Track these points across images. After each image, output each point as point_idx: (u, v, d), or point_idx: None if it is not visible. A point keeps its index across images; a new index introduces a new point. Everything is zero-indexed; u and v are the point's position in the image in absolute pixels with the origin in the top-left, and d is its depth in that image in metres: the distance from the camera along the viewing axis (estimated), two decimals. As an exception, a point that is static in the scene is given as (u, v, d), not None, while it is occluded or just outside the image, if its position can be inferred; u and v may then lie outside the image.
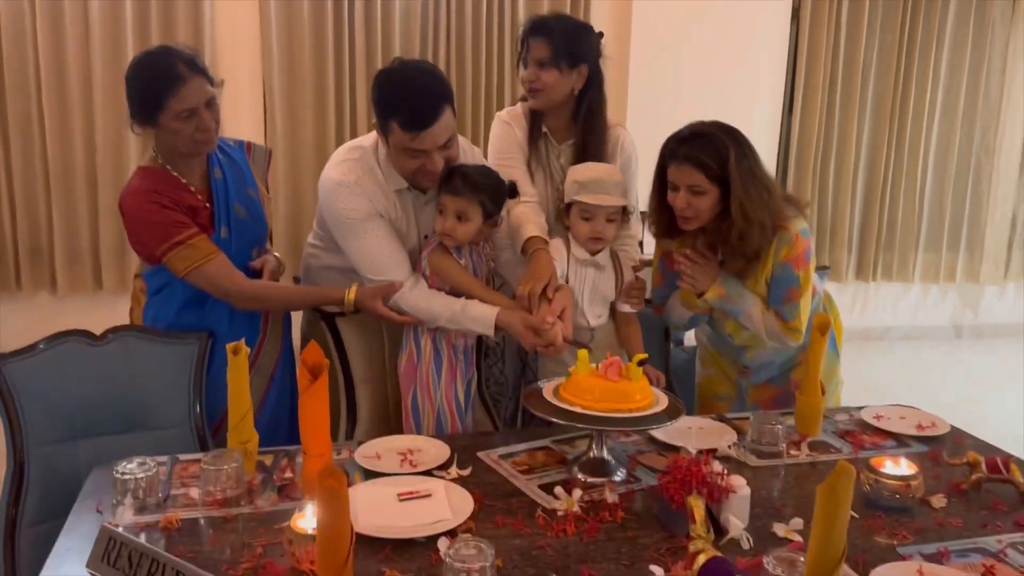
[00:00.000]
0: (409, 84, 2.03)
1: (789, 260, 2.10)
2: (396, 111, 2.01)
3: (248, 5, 4.61)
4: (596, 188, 2.16)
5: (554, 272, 2.17)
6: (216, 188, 2.19)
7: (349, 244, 2.16)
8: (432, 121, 2.01)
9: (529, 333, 2.10)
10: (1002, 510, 1.69)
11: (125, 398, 2.07)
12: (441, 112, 2.02)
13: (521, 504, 1.67)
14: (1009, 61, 5.57)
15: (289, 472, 1.79)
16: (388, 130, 2.05)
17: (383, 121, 2.06)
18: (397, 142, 2.05)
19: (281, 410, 2.33)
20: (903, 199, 5.66)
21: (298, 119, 4.71)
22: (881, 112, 5.51)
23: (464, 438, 2.05)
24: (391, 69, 2.08)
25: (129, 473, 1.60)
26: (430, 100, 2.01)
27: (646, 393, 1.79)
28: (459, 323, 2.14)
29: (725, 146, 2.03)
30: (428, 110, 2.01)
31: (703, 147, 2.04)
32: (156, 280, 2.20)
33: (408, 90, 2.02)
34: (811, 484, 1.80)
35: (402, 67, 2.08)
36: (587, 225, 2.20)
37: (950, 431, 2.10)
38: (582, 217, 2.20)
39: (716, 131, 2.06)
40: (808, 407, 2.03)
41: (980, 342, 6.03)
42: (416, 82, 2.03)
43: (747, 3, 5.10)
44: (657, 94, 5.00)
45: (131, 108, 2.08)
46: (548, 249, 2.21)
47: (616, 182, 2.19)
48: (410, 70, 2.07)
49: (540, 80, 2.29)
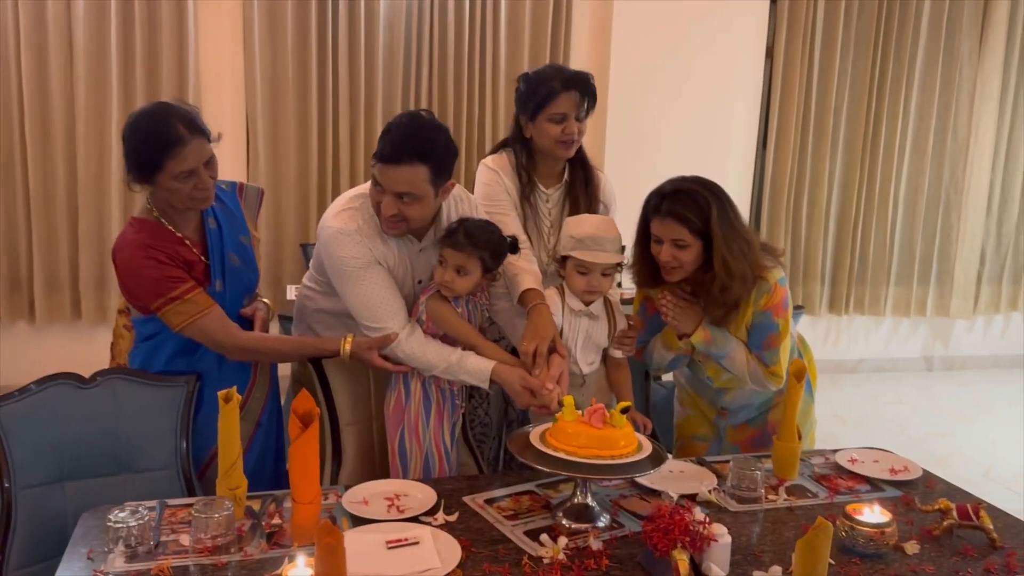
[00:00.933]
0: (404, 123, 2.09)
1: (768, 308, 2.17)
2: (380, 138, 2.09)
3: (232, 43, 4.64)
4: (593, 245, 2.20)
5: (555, 329, 2.22)
6: (211, 240, 2.20)
7: (348, 291, 2.19)
8: (396, 162, 2.05)
9: (526, 393, 2.14)
10: (973, 556, 1.75)
11: (112, 440, 2.08)
12: (409, 162, 2.05)
13: (508, 551, 1.70)
14: (977, 100, 5.71)
15: (277, 519, 1.81)
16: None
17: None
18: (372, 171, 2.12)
19: (266, 454, 2.35)
20: (875, 234, 5.76)
21: (281, 157, 4.73)
22: (853, 149, 5.62)
23: (449, 482, 2.08)
24: (405, 112, 2.16)
25: (121, 522, 1.62)
26: (406, 145, 2.05)
27: (631, 440, 1.83)
28: (454, 374, 2.18)
29: (707, 203, 2.10)
30: (399, 151, 2.05)
31: (686, 204, 2.12)
32: (147, 328, 2.20)
33: (396, 126, 2.08)
34: (789, 530, 1.85)
35: (413, 113, 2.14)
36: (583, 279, 2.25)
37: (922, 475, 2.16)
38: (578, 271, 2.25)
39: (698, 188, 2.14)
40: (785, 451, 2.09)
41: (950, 375, 6.14)
42: (409, 125, 2.09)
43: (722, 43, 5.20)
44: (634, 130, 5.09)
45: (128, 166, 2.06)
46: (547, 304, 2.25)
47: (612, 238, 2.23)
48: (418, 118, 2.12)
49: (578, 132, 2.37)
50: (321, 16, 4.66)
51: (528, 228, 2.45)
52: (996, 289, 6.11)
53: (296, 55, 4.66)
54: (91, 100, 4.45)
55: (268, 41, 4.64)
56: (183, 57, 4.52)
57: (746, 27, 5.30)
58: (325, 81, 4.72)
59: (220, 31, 4.63)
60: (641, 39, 5.09)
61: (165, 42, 4.49)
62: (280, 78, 4.67)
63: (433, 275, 2.21)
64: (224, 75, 4.67)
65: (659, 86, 5.13)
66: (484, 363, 2.17)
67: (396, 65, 4.80)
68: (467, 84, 4.91)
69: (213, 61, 4.64)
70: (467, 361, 2.18)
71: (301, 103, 4.71)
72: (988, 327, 6.27)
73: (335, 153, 4.80)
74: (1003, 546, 1.78)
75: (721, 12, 5.16)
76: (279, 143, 4.73)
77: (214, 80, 4.66)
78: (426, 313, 2.22)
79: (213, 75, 4.65)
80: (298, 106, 4.71)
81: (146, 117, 2.05)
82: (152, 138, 2.01)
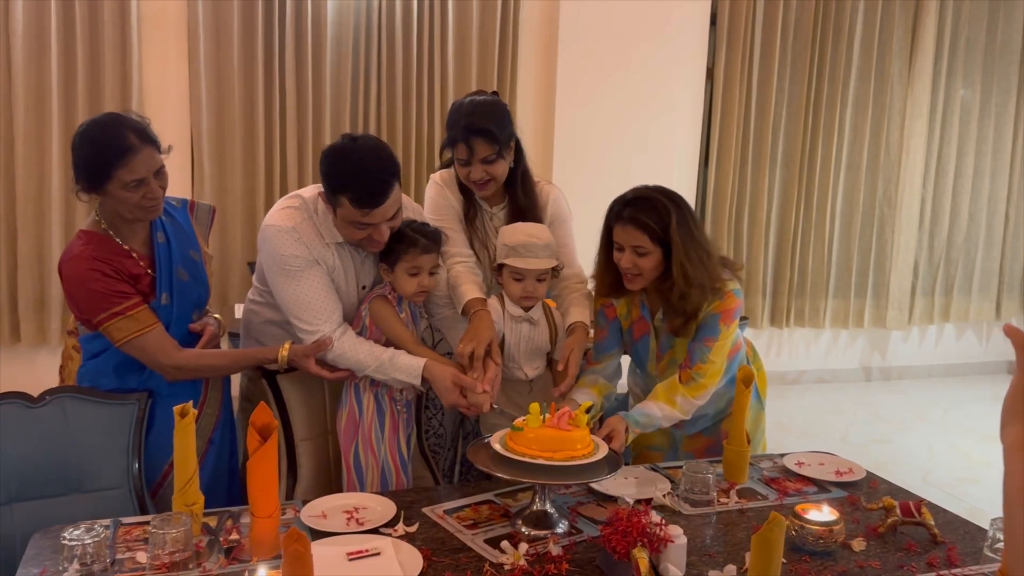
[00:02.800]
0: (361, 164, 2.08)
1: (718, 311, 2.22)
2: (347, 189, 2.07)
3: (176, 58, 4.59)
4: (525, 252, 2.25)
5: (495, 335, 2.25)
6: (159, 253, 2.19)
7: (283, 289, 2.19)
8: (383, 200, 2.08)
9: (455, 391, 2.16)
10: (916, 551, 1.82)
11: (62, 460, 2.05)
12: (391, 190, 2.09)
13: (469, 559, 1.71)
14: (907, 119, 5.92)
15: (235, 534, 1.79)
16: (338, 204, 2.11)
17: (333, 195, 2.11)
18: (346, 215, 2.11)
19: (219, 472, 2.33)
20: (813, 248, 5.92)
21: (227, 174, 4.68)
22: (791, 166, 5.78)
23: (408, 494, 2.09)
24: (342, 147, 2.13)
25: (76, 539, 1.59)
26: (381, 178, 2.08)
27: (587, 441, 1.86)
28: (386, 372, 2.18)
29: (667, 210, 2.15)
30: (379, 189, 2.07)
31: (646, 211, 2.16)
32: (94, 345, 2.18)
33: (360, 169, 2.07)
34: (741, 531, 1.90)
35: (353, 145, 2.12)
36: (519, 285, 2.30)
37: (866, 476, 2.24)
38: (513, 278, 2.30)
39: (659, 196, 2.19)
40: (735, 455, 2.14)
41: (888, 384, 6.32)
42: (368, 162, 2.08)
43: (664, 64, 5.32)
44: (582, 148, 5.18)
45: (77, 175, 2.05)
46: (488, 311, 2.29)
47: (544, 244, 2.27)
48: (361, 148, 2.11)
49: (490, 174, 2.36)
50: (268, 30, 4.63)
51: (475, 245, 2.48)
52: (930, 301, 6.32)
53: (242, 70, 4.62)
54: (30, 116, 4.35)
55: (213, 55, 4.60)
56: (126, 72, 4.45)
57: (687, 49, 5.44)
58: (272, 96, 4.69)
59: (164, 45, 4.57)
60: (586, 59, 5.18)
61: (107, 56, 4.41)
62: (225, 93, 4.63)
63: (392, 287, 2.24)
64: (168, 90, 4.61)
65: (605, 105, 5.23)
66: (416, 360, 2.19)
67: (344, 80, 4.79)
68: (415, 99, 4.92)
69: (157, 76, 4.57)
70: (399, 359, 2.19)
71: (247, 119, 4.67)
72: (923, 337, 6.48)
73: (283, 169, 4.77)
74: (944, 541, 1.86)
75: (664, 34, 5.29)
76: (225, 159, 4.68)
77: (158, 95, 4.59)
78: (369, 316, 2.24)
79: (157, 90, 4.58)
80: (244, 122, 4.67)
81: (97, 126, 2.05)
82: (103, 147, 2.01)
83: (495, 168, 2.35)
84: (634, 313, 2.38)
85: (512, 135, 2.39)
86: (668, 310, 2.26)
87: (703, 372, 2.23)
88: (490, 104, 2.38)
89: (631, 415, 2.20)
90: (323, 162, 2.14)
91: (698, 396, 2.24)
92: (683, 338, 2.28)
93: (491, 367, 2.21)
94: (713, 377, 2.26)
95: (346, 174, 2.08)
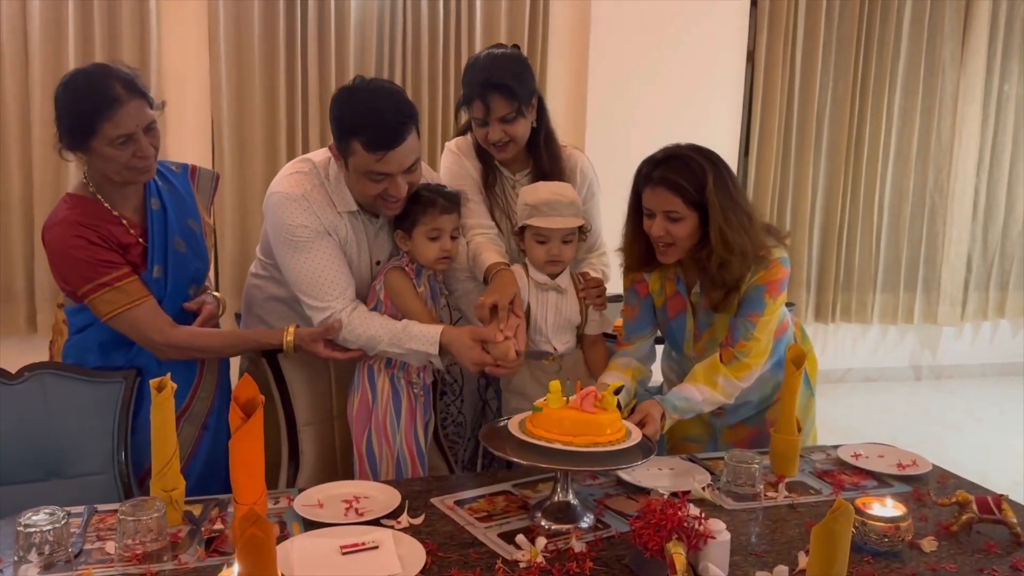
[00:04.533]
0: (374, 102, 1.90)
1: (763, 283, 1.98)
2: (360, 130, 1.89)
3: (196, 29, 4.46)
4: (548, 210, 2.06)
5: (518, 290, 2.06)
6: (153, 221, 2.01)
7: (291, 262, 2.01)
8: (398, 142, 1.89)
9: (476, 347, 1.95)
10: (996, 553, 1.58)
11: (42, 443, 1.89)
12: (407, 133, 1.91)
13: (479, 555, 1.51)
14: (960, 103, 5.64)
15: (220, 524, 1.61)
16: (349, 151, 1.93)
17: (344, 141, 1.93)
18: (359, 164, 1.92)
19: (216, 462, 2.12)
20: (860, 241, 5.65)
21: (247, 150, 4.54)
22: (836, 154, 5.52)
23: (416, 483, 1.88)
24: (354, 87, 1.96)
25: (34, 525, 1.41)
26: (396, 119, 1.90)
27: (617, 426, 1.65)
28: (400, 343, 1.98)
29: (703, 169, 1.91)
30: (394, 130, 1.89)
31: (679, 170, 1.92)
32: (79, 319, 2.01)
33: (373, 108, 1.89)
34: (791, 529, 1.67)
35: (365, 85, 1.95)
36: (542, 248, 2.10)
37: (932, 469, 2.00)
38: (536, 240, 2.10)
39: (693, 153, 1.94)
40: (784, 445, 1.91)
41: (939, 383, 6.02)
42: (381, 100, 1.91)
43: (702, 46, 5.10)
44: (614, 136, 4.94)
45: (60, 131, 1.89)
46: (511, 271, 2.10)
47: (568, 201, 2.08)
48: (374, 88, 1.94)
49: (509, 134, 2.17)
50: (290, 15, 4.48)
51: (496, 215, 2.28)
52: (984, 295, 6.00)
53: (263, 54, 4.48)
54: (47, 101, 4.21)
55: (234, 41, 4.46)
56: (145, 58, 4.33)
57: (726, 30, 5.18)
58: (294, 81, 4.54)
59: (184, 30, 4.45)
60: (619, 43, 4.97)
61: (126, 43, 4.29)
62: (246, 79, 4.48)
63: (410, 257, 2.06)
64: (188, 76, 4.48)
65: (639, 91, 5.01)
66: (432, 327, 1.99)
67: (368, 70, 4.63)
68: (442, 85, 4.75)
69: (176, 62, 4.45)
70: (413, 327, 1.99)
71: (268, 105, 4.52)
72: (976, 334, 6.16)
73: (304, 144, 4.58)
74: (1029, 542, 1.61)
75: (701, 15, 5.05)
76: (245, 146, 4.54)
77: (177, 82, 4.47)
78: (383, 287, 2.05)
79: (176, 76, 4.47)
80: (265, 108, 4.52)
81: (81, 76, 1.89)
82: (86, 98, 1.84)
83: (515, 128, 2.16)
84: (668, 288, 2.15)
85: (533, 91, 2.19)
86: (706, 282, 2.03)
87: (747, 350, 2.00)
88: (509, 57, 2.18)
89: (668, 399, 1.98)
90: (333, 104, 1.96)
91: (742, 377, 2.01)
92: (724, 314, 2.04)
93: (512, 319, 1.99)
94: (758, 357, 2.02)
95: (358, 114, 1.90)
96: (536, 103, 2.22)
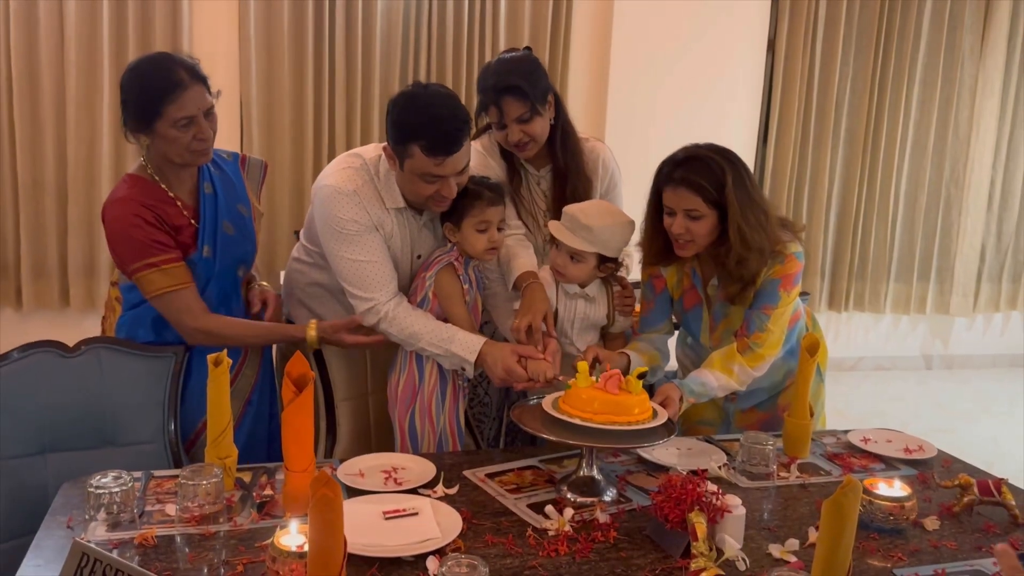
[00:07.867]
0: (434, 108, 1.97)
1: (778, 276, 2.08)
2: (420, 135, 1.95)
3: (227, 19, 4.55)
4: (568, 223, 2.13)
5: (549, 307, 2.14)
6: (205, 204, 2.12)
7: (338, 255, 2.09)
8: (457, 147, 1.97)
9: (512, 359, 2.03)
10: (995, 533, 1.68)
11: (97, 412, 2.00)
12: (465, 138, 1.99)
13: (511, 523, 1.62)
14: (978, 96, 5.65)
15: (269, 490, 1.73)
16: (407, 154, 1.99)
17: (402, 144, 1.99)
18: (416, 167, 1.99)
19: (257, 435, 2.25)
20: (875, 230, 5.69)
21: (276, 135, 4.64)
22: (854, 144, 5.56)
23: (449, 456, 2.00)
24: (414, 92, 2.03)
25: (103, 487, 1.54)
26: (455, 125, 1.97)
27: (645, 406, 1.76)
28: (441, 345, 2.06)
29: (722, 169, 1.99)
30: (454, 136, 1.96)
31: (699, 170, 2.00)
32: (133, 295, 2.12)
33: (433, 115, 1.96)
34: (802, 506, 1.78)
35: (424, 91, 2.03)
36: (554, 252, 2.18)
37: (937, 455, 2.10)
38: (552, 243, 2.19)
39: (712, 154, 2.02)
40: (797, 428, 2.01)
41: (950, 373, 6.07)
42: (440, 107, 1.98)
43: (723, 35, 5.14)
44: (635, 124, 5.01)
45: (126, 114, 2.00)
46: (540, 283, 2.17)
47: (588, 226, 2.09)
48: (433, 94, 2.02)
49: (528, 134, 2.23)
50: (318, 8, 4.57)
51: (522, 215, 2.36)
52: (996, 287, 6.04)
53: (292, 44, 4.57)
54: (81, 81, 4.35)
55: (263, 30, 4.55)
56: (177, 37, 4.42)
57: (747, 20, 5.22)
58: (321, 72, 4.62)
59: (215, 18, 4.54)
60: (641, 32, 5.01)
61: (158, 22, 4.39)
62: (275, 66, 4.58)
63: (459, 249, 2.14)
64: (218, 62, 4.56)
65: (659, 80, 5.06)
66: (475, 338, 2.08)
67: (394, 59, 4.72)
68: (466, 77, 4.81)
69: (207, 48, 4.52)
70: (459, 334, 2.07)
71: (296, 92, 4.62)
72: (988, 326, 6.20)
73: (331, 143, 4.71)
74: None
75: (722, 4, 5.09)
76: (274, 132, 4.64)
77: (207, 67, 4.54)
78: (434, 287, 2.13)
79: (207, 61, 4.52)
80: (293, 95, 4.62)
81: (147, 62, 2.01)
82: (153, 82, 1.96)
83: (532, 127, 2.22)
84: (685, 282, 2.24)
85: (547, 89, 2.25)
86: (724, 276, 2.12)
87: (761, 341, 2.09)
88: (518, 60, 2.25)
89: (686, 383, 2.08)
90: (392, 109, 2.02)
91: (756, 367, 2.11)
92: (739, 306, 2.14)
93: (551, 343, 2.09)
94: (772, 348, 2.12)
95: (418, 119, 1.96)
96: (553, 100, 2.28)
